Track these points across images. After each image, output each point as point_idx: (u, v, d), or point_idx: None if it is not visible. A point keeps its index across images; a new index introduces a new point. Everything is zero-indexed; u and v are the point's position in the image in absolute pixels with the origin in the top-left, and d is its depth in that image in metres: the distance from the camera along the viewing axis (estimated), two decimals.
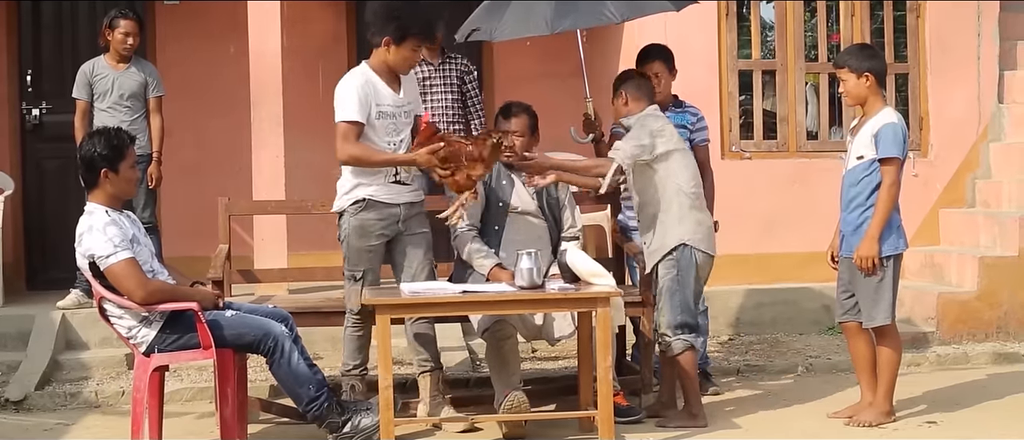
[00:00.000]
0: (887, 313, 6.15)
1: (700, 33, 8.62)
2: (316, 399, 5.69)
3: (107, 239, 5.48)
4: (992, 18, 9.16)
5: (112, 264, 5.47)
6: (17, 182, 8.77)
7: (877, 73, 6.20)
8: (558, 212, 6.46)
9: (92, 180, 5.62)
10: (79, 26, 9.28)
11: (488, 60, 9.69)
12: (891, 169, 6.07)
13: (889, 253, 6.13)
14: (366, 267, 6.10)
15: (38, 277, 9.16)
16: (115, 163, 5.59)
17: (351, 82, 6.04)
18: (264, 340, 5.63)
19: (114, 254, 5.47)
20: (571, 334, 6.25)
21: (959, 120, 9.09)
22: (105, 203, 5.61)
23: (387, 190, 6.07)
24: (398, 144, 6.09)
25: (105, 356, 7.51)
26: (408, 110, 6.15)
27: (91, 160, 5.60)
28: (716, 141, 8.28)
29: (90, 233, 5.53)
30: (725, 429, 6.20)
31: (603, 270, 5.93)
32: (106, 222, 5.52)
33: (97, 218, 5.55)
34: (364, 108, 5.99)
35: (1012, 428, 6.13)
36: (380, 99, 6.06)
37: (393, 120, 6.08)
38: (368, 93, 6.01)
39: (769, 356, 7.84)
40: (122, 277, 5.47)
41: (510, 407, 5.84)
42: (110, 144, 5.61)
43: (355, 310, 6.15)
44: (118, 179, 5.61)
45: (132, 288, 5.47)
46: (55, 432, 6.46)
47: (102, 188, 5.61)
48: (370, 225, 6.06)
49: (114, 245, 5.48)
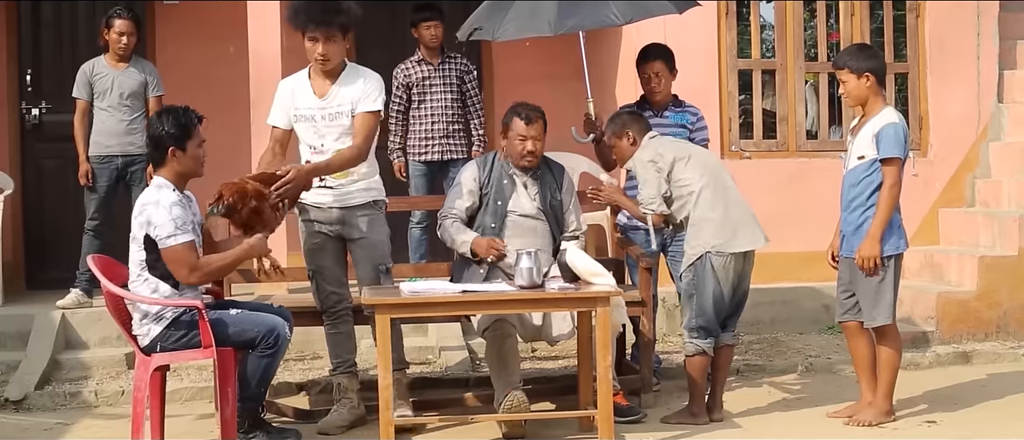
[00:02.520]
0: (888, 313, 6.15)
1: (700, 33, 8.62)
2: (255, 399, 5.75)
3: (171, 219, 5.53)
4: (992, 18, 9.16)
5: (172, 245, 5.51)
6: (17, 182, 8.77)
7: (877, 73, 6.20)
8: (561, 214, 6.45)
9: (159, 158, 5.69)
10: (79, 26, 9.28)
11: (488, 60, 9.68)
12: (892, 169, 6.07)
13: (890, 253, 6.13)
14: (314, 266, 6.19)
15: (37, 276, 9.16)
16: (182, 141, 5.67)
17: (279, 85, 6.15)
18: (267, 335, 5.65)
19: (174, 236, 5.52)
20: (570, 334, 6.25)
21: (959, 120, 9.09)
22: (172, 180, 5.67)
23: (314, 195, 6.11)
24: (321, 149, 6.05)
25: (105, 356, 7.51)
26: (335, 112, 6.05)
27: (159, 138, 5.68)
28: (716, 141, 8.28)
29: (156, 208, 5.56)
30: (725, 429, 6.20)
31: (603, 269, 5.93)
32: (173, 201, 5.58)
33: (165, 195, 5.60)
34: (281, 112, 6.12)
35: (1012, 428, 6.13)
36: (298, 102, 6.10)
37: (312, 123, 6.08)
38: (286, 98, 6.11)
39: (769, 356, 7.84)
40: (178, 260, 5.52)
41: (510, 407, 5.83)
42: (178, 122, 5.69)
43: (320, 308, 6.23)
44: (185, 157, 5.68)
45: (185, 272, 5.53)
46: (55, 432, 6.46)
47: (169, 166, 5.68)
48: (305, 226, 6.18)
49: (176, 226, 5.52)
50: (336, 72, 6.09)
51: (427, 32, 8.32)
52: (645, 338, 6.65)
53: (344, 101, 6.06)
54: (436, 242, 6.58)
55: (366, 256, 6.15)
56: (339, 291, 6.21)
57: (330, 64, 6.04)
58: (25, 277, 9.20)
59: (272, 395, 6.77)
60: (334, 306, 6.21)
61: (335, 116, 6.05)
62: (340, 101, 6.06)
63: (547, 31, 6.74)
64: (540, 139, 6.33)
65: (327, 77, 6.08)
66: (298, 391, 7.01)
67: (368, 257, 6.15)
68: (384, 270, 6.16)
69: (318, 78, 6.10)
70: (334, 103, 6.06)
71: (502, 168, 6.39)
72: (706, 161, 6.37)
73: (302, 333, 7.56)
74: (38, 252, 9.25)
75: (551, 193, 6.41)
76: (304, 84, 6.13)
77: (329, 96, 6.07)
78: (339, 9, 6.01)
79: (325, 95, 6.07)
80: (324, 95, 6.07)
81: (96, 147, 8.01)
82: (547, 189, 6.41)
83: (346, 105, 6.06)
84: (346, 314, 6.24)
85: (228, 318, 5.66)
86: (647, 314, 6.64)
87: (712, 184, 6.24)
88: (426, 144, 8.31)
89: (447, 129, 8.34)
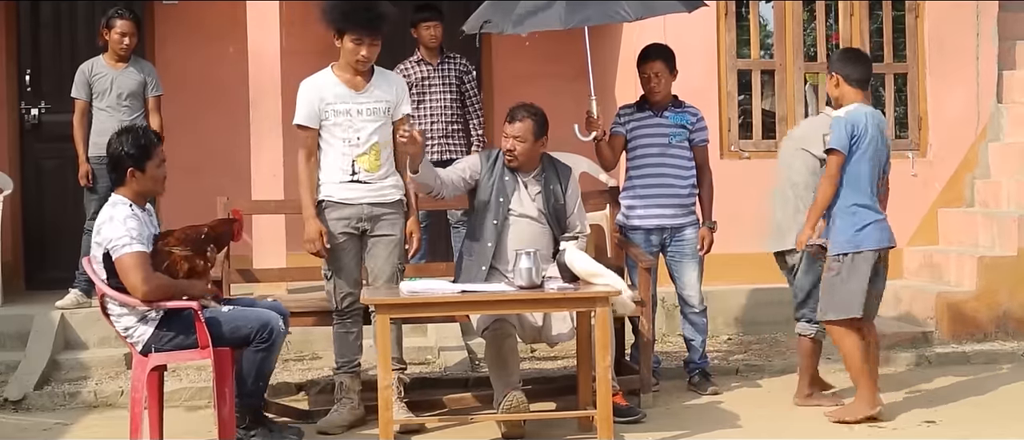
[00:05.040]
0: (838, 310, 6.21)
1: (699, 33, 8.62)
2: (254, 395, 5.76)
3: (125, 230, 5.53)
4: (991, 18, 9.17)
5: (124, 254, 5.51)
6: (16, 182, 8.77)
7: (844, 75, 6.33)
8: (563, 216, 6.44)
9: (119, 178, 5.70)
10: (78, 26, 9.28)
11: (487, 60, 9.68)
12: (832, 161, 6.19)
13: (845, 250, 6.17)
14: (335, 266, 6.15)
15: (37, 277, 9.15)
16: (141, 162, 5.67)
17: (302, 85, 6.09)
18: (260, 331, 5.65)
19: (128, 245, 5.51)
20: (570, 335, 6.25)
21: (958, 120, 9.09)
22: (130, 198, 5.67)
23: (344, 189, 6.10)
24: (356, 143, 6.07)
25: (104, 356, 7.51)
26: (373, 107, 6.09)
27: (118, 158, 5.69)
28: (715, 141, 8.27)
29: (110, 223, 5.58)
30: (725, 429, 6.20)
31: (602, 269, 5.93)
32: (127, 215, 5.58)
33: (119, 210, 5.61)
34: (312, 111, 6.08)
35: (1011, 428, 6.13)
36: (329, 97, 6.09)
37: (347, 117, 6.08)
38: (313, 96, 6.08)
39: (768, 356, 7.84)
40: (130, 269, 5.50)
41: (509, 407, 5.83)
42: (137, 143, 5.69)
43: (334, 308, 6.20)
44: (144, 178, 5.68)
45: (137, 282, 5.50)
46: (54, 432, 6.45)
47: (128, 185, 5.69)
48: (330, 224, 6.12)
49: (130, 237, 5.52)
50: (368, 71, 6.15)
51: (426, 32, 8.32)
52: (644, 338, 6.66)
53: (381, 98, 6.13)
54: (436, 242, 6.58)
55: (388, 254, 6.15)
56: (355, 292, 6.19)
57: (369, 65, 6.12)
58: (24, 277, 9.19)
59: (271, 395, 6.77)
60: (350, 307, 6.20)
61: (373, 110, 6.10)
62: (377, 97, 6.13)
63: (557, 25, 6.73)
64: (524, 139, 6.32)
65: (358, 73, 6.12)
66: (298, 391, 7.00)
67: (390, 256, 6.15)
68: (401, 270, 6.19)
69: (348, 74, 6.12)
70: (372, 98, 6.11)
71: (502, 166, 6.39)
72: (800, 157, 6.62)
73: (302, 333, 7.57)
74: (37, 252, 9.25)
75: (554, 195, 6.41)
76: (332, 81, 6.13)
77: (366, 91, 6.11)
78: (383, 13, 6.07)
79: (362, 89, 6.11)
80: (360, 89, 6.11)
81: (96, 148, 7.99)
82: (549, 191, 6.40)
83: (383, 102, 6.13)
84: (358, 315, 6.24)
85: (221, 315, 5.66)
86: (646, 314, 6.64)
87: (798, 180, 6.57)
88: (425, 144, 8.28)
89: (446, 129, 8.34)
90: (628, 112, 7.08)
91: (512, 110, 6.41)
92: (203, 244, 5.81)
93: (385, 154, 6.15)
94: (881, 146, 6.26)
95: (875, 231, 6.21)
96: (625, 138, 7.02)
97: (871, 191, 6.23)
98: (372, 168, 6.10)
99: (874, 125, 6.22)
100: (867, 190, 6.21)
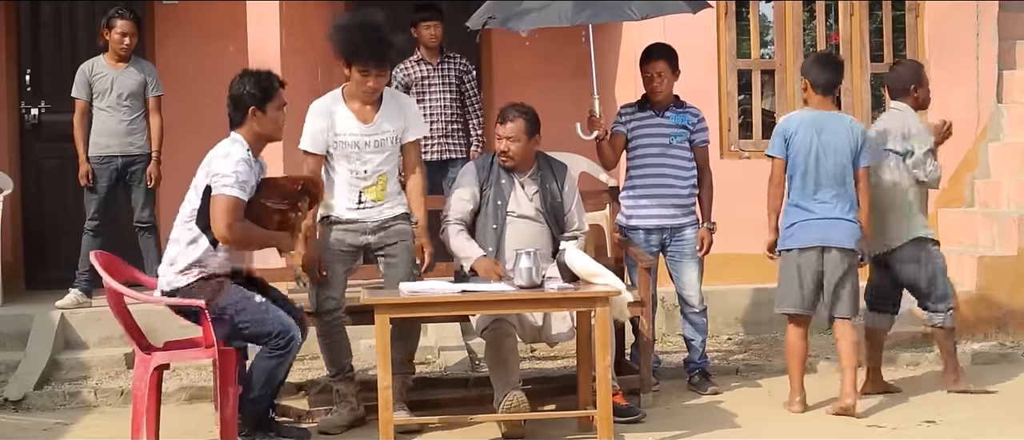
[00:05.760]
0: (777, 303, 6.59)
1: (699, 32, 8.61)
2: (259, 402, 5.72)
3: (234, 172, 5.53)
4: (991, 17, 9.16)
5: (222, 193, 5.51)
6: (16, 182, 8.77)
7: (810, 80, 6.56)
8: (560, 215, 6.44)
9: (239, 118, 5.71)
10: (78, 26, 9.28)
11: (487, 60, 9.68)
12: (772, 166, 6.58)
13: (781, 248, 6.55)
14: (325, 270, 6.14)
15: (37, 277, 9.15)
16: (263, 103, 5.69)
17: (312, 108, 6.07)
18: (281, 335, 5.64)
19: (229, 188, 5.52)
20: (569, 335, 6.25)
21: (958, 119, 9.00)
22: (250, 141, 5.68)
23: (350, 213, 6.15)
24: (363, 175, 6.09)
25: (104, 355, 7.51)
26: (381, 139, 6.10)
27: (240, 97, 5.70)
28: (715, 141, 8.25)
29: (225, 159, 5.58)
30: (725, 428, 6.20)
31: (601, 269, 5.93)
32: (242, 157, 5.60)
33: (237, 149, 5.62)
34: (319, 138, 6.07)
35: (1011, 428, 6.13)
36: (339, 129, 6.08)
37: (356, 149, 6.09)
38: (322, 123, 6.07)
39: (768, 356, 7.84)
40: (222, 211, 5.51)
41: (509, 406, 5.83)
42: (260, 84, 5.72)
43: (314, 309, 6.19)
44: (264, 119, 5.71)
45: (221, 226, 5.51)
46: (54, 432, 6.46)
47: (248, 125, 5.70)
48: (332, 235, 6.15)
49: (236, 180, 5.53)
50: (377, 98, 6.14)
51: (426, 32, 8.32)
52: (644, 338, 6.65)
53: (389, 128, 6.13)
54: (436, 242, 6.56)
55: (404, 259, 6.16)
56: (338, 298, 6.19)
57: (377, 95, 6.11)
58: (24, 277, 9.20)
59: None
60: (330, 312, 6.18)
61: (380, 143, 6.11)
62: (385, 128, 6.12)
63: (563, 22, 6.72)
64: (516, 139, 6.33)
65: (367, 103, 6.11)
66: (298, 391, 7.01)
67: (406, 260, 6.17)
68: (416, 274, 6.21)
69: (356, 103, 6.12)
70: (380, 130, 6.11)
71: (500, 168, 6.39)
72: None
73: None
74: (37, 252, 9.25)
75: (551, 194, 6.41)
76: (342, 109, 6.13)
77: (374, 123, 6.11)
78: (392, 42, 6.06)
79: (370, 122, 6.11)
80: (369, 122, 6.11)
81: (96, 147, 8.00)
82: (546, 189, 6.40)
83: (391, 132, 6.14)
84: (340, 321, 6.23)
85: (251, 305, 5.63)
86: (646, 314, 6.64)
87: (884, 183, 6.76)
88: (425, 144, 8.27)
89: (446, 129, 8.34)
90: (629, 111, 7.07)
91: (503, 111, 6.42)
92: (297, 197, 5.77)
93: (392, 182, 6.21)
94: (821, 146, 6.42)
95: (799, 230, 6.43)
96: (626, 137, 7.02)
97: (808, 191, 6.44)
98: (379, 198, 6.15)
99: (806, 127, 6.44)
100: (800, 190, 6.45)
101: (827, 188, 6.42)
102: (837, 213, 6.42)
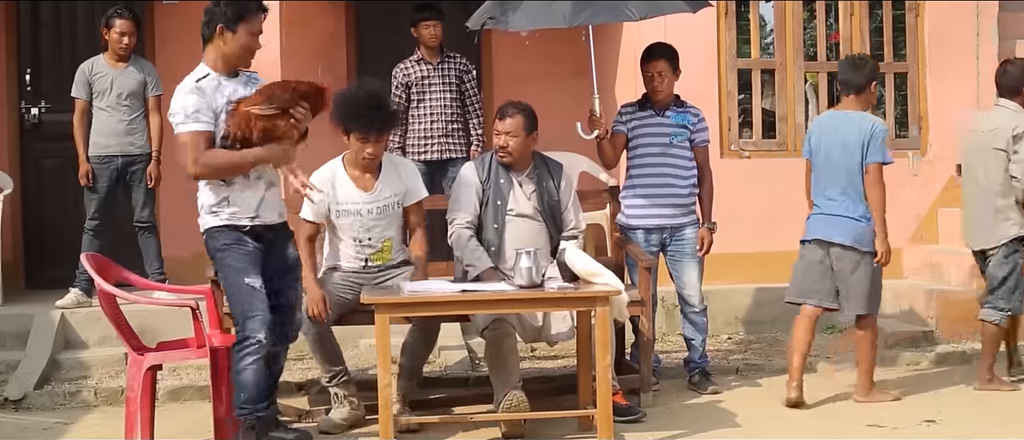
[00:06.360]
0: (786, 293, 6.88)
1: (699, 32, 8.62)
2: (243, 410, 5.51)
3: (181, 107, 5.37)
4: (991, 17, 9.17)
5: (179, 132, 5.38)
6: (16, 181, 8.77)
7: (841, 81, 6.80)
8: (558, 214, 6.45)
9: (208, 34, 5.49)
10: (78, 25, 9.28)
11: (487, 60, 9.68)
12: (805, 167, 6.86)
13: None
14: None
15: (37, 276, 9.15)
16: (233, 23, 5.45)
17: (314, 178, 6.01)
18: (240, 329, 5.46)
19: (182, 123, 5.35)
20: (569, 335, 6.25)
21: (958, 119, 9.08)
22: (210, 64, 5.49)
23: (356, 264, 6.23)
24: (368, 242, 6.17)
25: (104, 355, 7.51)
26: (383, 206, 6.16)
27: (212, 13, 5.48)
28: (715, 140, 8.27)
29: (177, 94, 5.42)
30: (725, 428, 6.20)
31: (601, 269, 5.93)
32: (191, 88, 5.40)
33: (186, 81, 5.45)
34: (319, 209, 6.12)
35: (1012, 428, 6.13)
36: (340, 197, 6.14)
37: (359, 218, 6.15)
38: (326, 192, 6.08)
39: (768, 355, 7.84)
40: (181, 148, 5.37)
41: (509, 406, 5.84)
42: (237, 2, 5.46)
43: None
44: (232, 40, 5.46)
45: (187, 162, 5.35)
46: (54, 431, 6.46)
47: (214, 45, 5.48)
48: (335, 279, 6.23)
49: (185, 115, 5.34)
50: (376, 166, 6.22)
51: (426, 32, 8.32)
52: (644, 338, 6.65)
53: (390, 194, 6.21)
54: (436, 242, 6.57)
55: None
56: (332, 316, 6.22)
57: (376, 161, 6.18)
58: (24, 277, 9.19)
59: None
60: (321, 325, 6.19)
61: (383, 210, 6.19)
62: (387, 194, 6.20)
63: (562, 23, 6.72)
64: (515, 134, 6.34)
65: (367, 170, 6.17)
66: (298, 391, 7.01)
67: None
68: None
69: (356, 171, 6.20)
70: (382, 196, 6.19)
71: (499, 167, 6.39)
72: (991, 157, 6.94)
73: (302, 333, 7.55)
74: (37, 252, 9.25)
75: (548, 193, 6.41)
76: (343, 177, 6.20)
77: (376, 190, 6.19)
78: (390, 111, 6.19)
79: (371, 189, 6.18)
80: (370, 189, 6.18)
81: (96, 147, 8.00)
82: (543, 188, 6.40)
83: (392, 197, 6.22)
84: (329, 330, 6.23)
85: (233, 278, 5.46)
86: (646, 314, 6.64)
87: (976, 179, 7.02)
88: (425, 143, 8.32)
89: (446, 128, 8.34)
90: (630, 111, 7.07)
91: (501, 108, 6.44)
92: (289, 102, 5.37)
93: (397, 244, 6.28)
94: (831, 144, 6.60)
95: (808, 224, 6.73)
96: (626, 137, 7.02)
97: (820, 188, 6.66)
98: (385, 261, 6.24)
99: (821, 127, 6.76)
100: (815, 187, 6.70)
101: (834, 185, 6.58)
102: (841, 211, 6.55)
